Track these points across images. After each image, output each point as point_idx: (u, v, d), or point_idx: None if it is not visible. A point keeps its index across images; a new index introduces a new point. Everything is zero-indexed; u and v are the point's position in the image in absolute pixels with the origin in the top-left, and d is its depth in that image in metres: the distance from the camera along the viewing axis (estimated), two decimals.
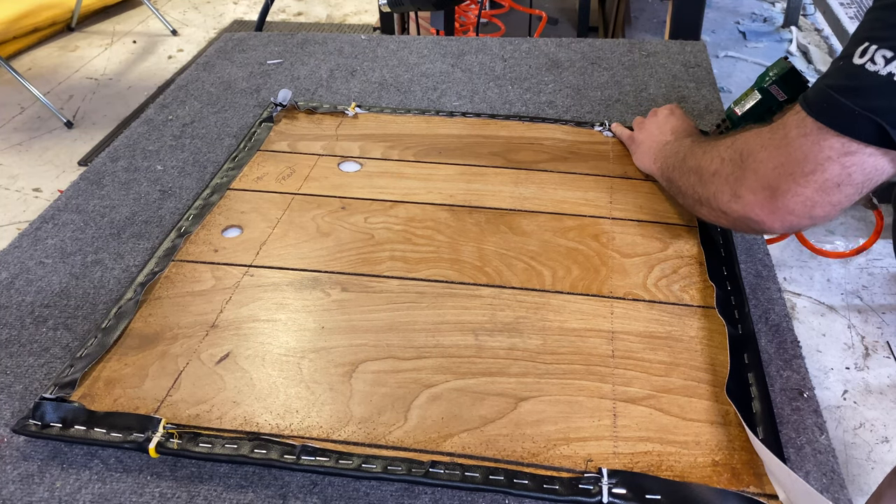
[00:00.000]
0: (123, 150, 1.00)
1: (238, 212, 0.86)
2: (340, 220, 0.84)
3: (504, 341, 0.68)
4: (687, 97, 1.10)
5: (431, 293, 0.73)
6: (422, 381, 0.64)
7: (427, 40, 1.32)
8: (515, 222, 0.83)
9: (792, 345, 0.68)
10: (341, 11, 3.62)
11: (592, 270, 0.76)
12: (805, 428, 0.60)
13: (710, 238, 0.79)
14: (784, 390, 0.64)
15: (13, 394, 0.66)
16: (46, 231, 0.85)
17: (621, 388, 0.63)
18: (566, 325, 0.69)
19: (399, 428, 0.60)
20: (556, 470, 0.56)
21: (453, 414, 0.61)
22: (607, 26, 2.65)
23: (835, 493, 0.55)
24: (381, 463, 0.56)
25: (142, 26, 3.43)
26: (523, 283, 0.74)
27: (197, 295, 0.75)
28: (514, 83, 1.16)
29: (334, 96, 1.13)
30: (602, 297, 0.72)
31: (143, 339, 0.70)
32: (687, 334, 0.68)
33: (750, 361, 0.64)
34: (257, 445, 0.58)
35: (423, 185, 0.90)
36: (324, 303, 0.73)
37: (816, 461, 0.58)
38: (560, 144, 0.98)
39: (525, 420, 0.60)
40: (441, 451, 0.58)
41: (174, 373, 0.66)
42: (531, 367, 0.65)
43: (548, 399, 0.62)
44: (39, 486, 0.57)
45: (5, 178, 2.41)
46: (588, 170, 0.92)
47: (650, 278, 0.75)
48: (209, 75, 1.19)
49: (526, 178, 0.91)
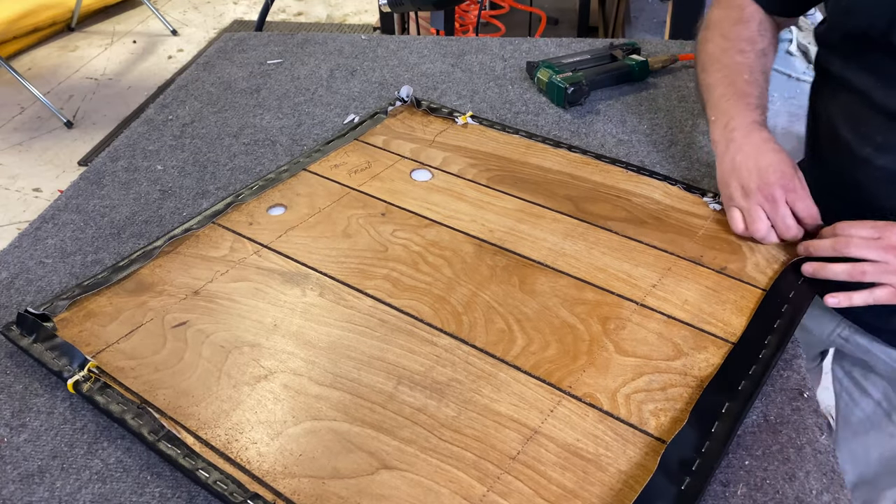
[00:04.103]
0: (123, 150, 1.00)
1: (295, 193, 0.89)
2: (372, 225, 0.83)
3: (419, 400, 0.62)
4: (687, 97, 1.07)
5: (392, 325, 0.70)
6: (313, 411, 0.61)
7: (427, 40, 1.27)
8: (532, 277, 0.75)
9: (792, 345, 0.67)
10: (341, 11, 3.47)
11: (570, 356, 0.66)
12: (805, 428, 0.60)
13: (736, 375, 0.64)
14: (784, 390, 0.63)
15: (13, 394, 0.66)
16: (46, 231, 0.85)
17: (494, 497, 0.54)
18: (493, 407, 0.61)
19: (257, 448, 0.58)
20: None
21: (312, 455, 0.57)
22: (607, 26, 2.58)
23: (835, 493, 0.55)
24: (216, 475, 0.56)
25: (142, 26, 3.41)
26: (486, 345, 0.67)
27: (206, 259, 0.79)
28: (513, 83, 1.13)
29: (334, 96, 1.11)
30: (556, 388, 0.63)
31: (139, 285, 0.76)
32: (616, 466, 0.56)
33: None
34: (137, 415, 0.61)
35: (474, 211, 0.85)
36: (295, 302, 0.73)
37: (816, 461, 0.57)
38: (650, 205, 0.86)
39: (369, 490, 0.55)
40: (272, 486, 0.55)
41: (135, 324, 0.71)
42: (423, 436, 0.59)
43: (411, 477, 0.56)
44: (39, 486, 0.57)
45: (5, 178, 2.40)
46: (658, 242, 0.80)
47: (628, 387, 0.63)
48: (209, 75, 1.19)
49: (581, 233, 0.81)
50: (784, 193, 0.74)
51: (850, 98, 0.79)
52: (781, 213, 0.75)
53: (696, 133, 1.00)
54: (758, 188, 0.75)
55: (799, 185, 0.75)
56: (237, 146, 1.01)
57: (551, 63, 1.12)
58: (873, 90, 0.75)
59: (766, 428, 0.60)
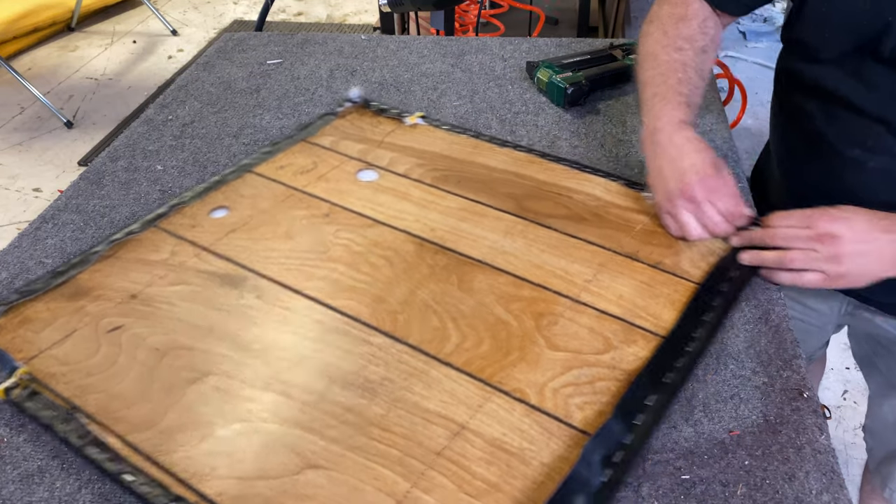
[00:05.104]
0: (123, 150, 1.00)
1: (239, 195, 0.89)
2: (315, 226, 0.84)
3: (349, 399, 0.62)
4: None
5: (328, 325, 0.70)
6: (243, 412, 0.61)
7: (427, 40, 1.27)
8: (471, 276, 0.76)
9: (792, 345, 0.68)
10: (341, 11, 3.47)
11: (502, 352, 0.67)
12: (805, 428, 0.60)
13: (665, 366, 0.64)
14: (784, 390, 0.63)
15: None
16: (46, 231, 0.85)
17: (417, 493, 0.55)
18: (423, 404, 0.62)
19: (185, 451, 0.58)
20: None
21: (240, 456, 0.58)
22: (607, 26, 2.57)
23: (835, 493, 0.55)
24: (141, 478, 0.56)
25: (142, 26, 3.39)
26: (420, 343, 0.68)
27: (145, 263, 0.79)
28: (513, 83, 1.13)
29: (334, 96, 1.11)
30: (486, 384, 0.63)
31: (77, 290, 0.76)
32: (539, 459, 0.57)
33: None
34: (65, 420, 0.61)
35: (418, 211, 0.86)
36: (232, 304, 0.73)
37: (816, 461, 0.57)
38: (590, 202, 0.87)
39: (293, 490, 0.55)
40: (197, 488, 0.55)
41: (70, 330, 0.71)
42: (350, 435, 0.59)
43: (335, 476, 0.56)
44: (39, 486, 0.57)
45: (5, 178, 2.38)
46: (596, 238, 0.81)
47: (557, 381, 0.64)
48: (209, 75, 1.19)
49: (521, 231, 0.82)
50: (705, 194, 0.75)
51: (829, 100, 0.80)
52: (707, 213, 0.76)
53: (696, 133, 1.01)
54: (679, 191, 0.77)
55: (719, 183, 0.76)
56: (237, 146, 1.01)
57: (551, 63, 1.10)
58: (853, 94, 0.76)
59: (766, 428, 0.60)
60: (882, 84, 0.74)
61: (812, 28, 0.79)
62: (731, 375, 0.65)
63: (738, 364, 0.66)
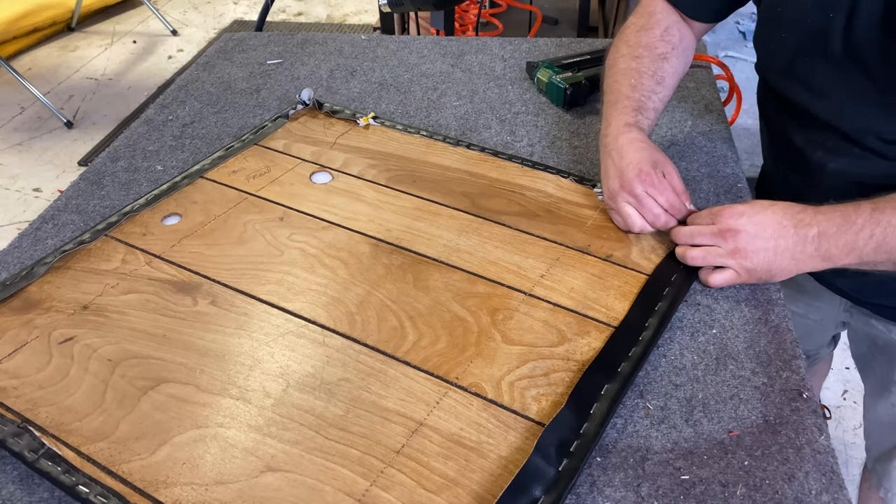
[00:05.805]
0: (123, 150, 1.00)
1: (191, 201, 0.89)
2: (269, 230, 0.83)
3: (307, 402, 0.62)
4: (687, 97, 1.08)
5: (284, 328, 0.70)
6: (199, 418, 0.61)
7: (427, 40, 1.28)
8: (426, 274, 0.76)
9: (791, 345, 0.68)
10: (341, 11, 3.48)
11: (458, 348, 0.67)
12: (805, 428, 0.60)
13: (617, 355, 0.66)
14: (784, 391, 0.63)
15: None
16: (46, 231, 0.85)
17: (377, 491, 0.55)
18: (381, 403, 0.62)
19: (141, 460, 0.58)
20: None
21: (196, 463, 0.57)
22: (607, 26, 2.58)
23: (834, 493, 0.55)
24: (97, 489, 0.55)
25: (142, 26, 3.39)
26: (378, 343, 0.68)
27: (96, 273, 0.78)
28: (513, 83, 1.13)
29: (334, 96, 1.11)
30: (444, 381, 0.64)
31: (26, 303, 0.74)
32: (497, 452, 0.58)
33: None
34: (17, 435, 0.59)
35: (372, 212, 0.86)
36: (185, 311, 0.72)
37: (816, 461, 0.57)
38: (542, 199, 0.88)
39: (252, 493, 0.55)
40: (154, 497, 0.55)
41: (20, 343, 0.69)
42: (310, 437, 0.59)
43: (295, 478, 0.56)
44: (39, 486, 0.57)
45: (5, 178, 2.38)
46: (548, 234, 0.82)
47: (513, 374, 0.65)
48: (209, 75, 1.19)
49: (475, 229, 0.83)
50: (644, 188, 0.77)
51: (790, 106, 0.82)
52: (647, 206, 0.78)
53: (696, 133, 1.02)
54: (621, 187, 0.79)
55: (657, 178, 0.78)
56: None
57: (551, 63, 1.11)
58: (809, 102, 0.79)
59: (766, 428, 0.60)
60: (832, 93, 0.76)
61: (769, 29, 0.82)
62: (731, 376, 0.65)
63: (737, 364, 0.66)
